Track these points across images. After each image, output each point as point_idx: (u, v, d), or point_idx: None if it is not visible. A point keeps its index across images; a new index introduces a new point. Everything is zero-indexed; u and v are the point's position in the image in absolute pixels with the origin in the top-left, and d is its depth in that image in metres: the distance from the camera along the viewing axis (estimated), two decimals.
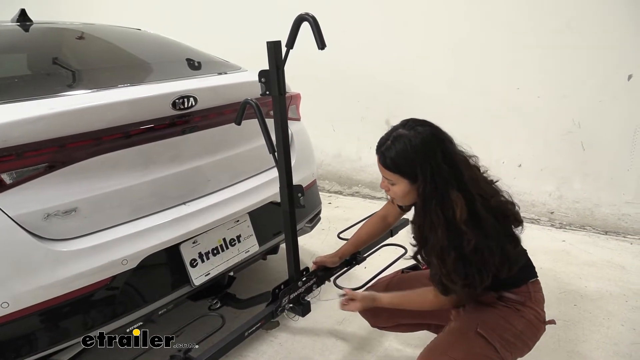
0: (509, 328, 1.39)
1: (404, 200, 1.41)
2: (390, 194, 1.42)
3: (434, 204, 1.28)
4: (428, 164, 1.28)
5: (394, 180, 1.35)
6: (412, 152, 1.29)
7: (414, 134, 1.30)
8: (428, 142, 1.30)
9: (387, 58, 3.74)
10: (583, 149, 3.16)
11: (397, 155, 1.31)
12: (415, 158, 1.29)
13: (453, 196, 1.28)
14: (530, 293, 1.44)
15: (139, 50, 2.34)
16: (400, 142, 1.30)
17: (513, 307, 1.41)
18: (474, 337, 1.36)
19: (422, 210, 1.33)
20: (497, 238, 1.31)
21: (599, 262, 2.76)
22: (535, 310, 1.43)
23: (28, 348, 1.40)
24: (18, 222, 1.37)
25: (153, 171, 1.71)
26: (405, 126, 1.34)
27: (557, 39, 3.07)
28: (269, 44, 1.46)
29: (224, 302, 2.02)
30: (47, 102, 1.50)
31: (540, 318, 1.44)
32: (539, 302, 1.46)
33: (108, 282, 1.53)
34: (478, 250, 1.27)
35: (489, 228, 1.29)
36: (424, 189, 1.29)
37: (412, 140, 1.29)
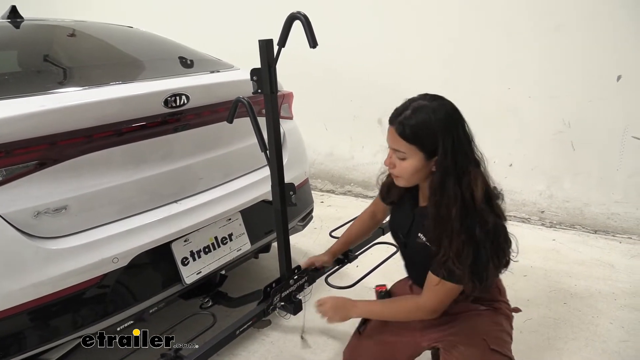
0: (502, 329, 1.40)
1: (410, 179, 1.31)
2: (396, 172, 1.31)
3: (452, 181, 1.21)
4: (450, 137, 1.21)
5: (407, 154, 1.25)
6: (435, 122, 1.21)
7: (436, 105, 1.23)
8: (451, 115, 1.24)
9: (379, 57, 3.75)
10: (573, 149, 3.19)
11: (418, 125, 1.21)
12: (438, 130, 1.20)
13: (473, 173, 1.23)
14: (499, 288, 1.45)
15: (131, 48, 2.33)
16: (423, 112, 1.22)
17: (491, 306, 1.41)
18: (491, 356, 1.33)
19: (439, 187, 1.23)
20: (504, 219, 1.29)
21: (589, 260, 2.79)
22: (505, 302, 1.45)
23: (17, 347, 1.39)
24: (8, 220, 1.36)
25: (144, 169, 1.70)
26: (425, 98, 1.26)
27: (548, 40, 3.10)
28: (260, 43, 1.46)
29: (216, 300, 2.01)
30: (38, 99, 1.49)
31: (510, 308, 1.46)
32: (504, 292, 1.48)
33: (99, 280, 1.53)
34: (496, 233, 1.23)
35: (501, 211, 1.27)
36: (444, 163, 1.21)
37: (436, 112, 1.22)
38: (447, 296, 1.30)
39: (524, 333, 2.12)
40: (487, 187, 1.28)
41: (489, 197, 1.26)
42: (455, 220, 1.21)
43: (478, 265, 1.23)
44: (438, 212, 1.24)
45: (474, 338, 1.36)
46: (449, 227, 1.22)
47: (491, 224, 1.22)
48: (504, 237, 1.27)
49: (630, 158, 3.03)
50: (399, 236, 1.49)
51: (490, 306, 1.41)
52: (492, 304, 1.41)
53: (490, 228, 1.22)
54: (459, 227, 1.21)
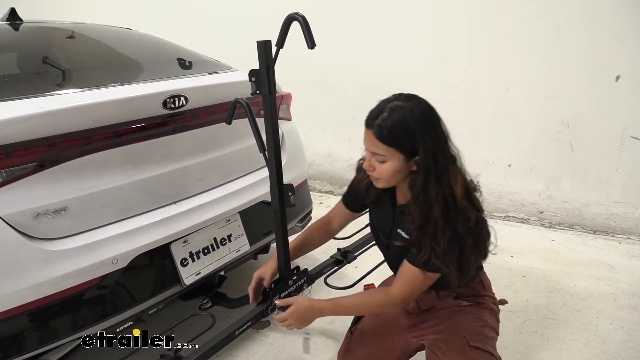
0: (485, 325, 1.40)
1: (390, 181, 1.31)
2: (376, 175, 1.30)
3: (433, 180, 1.22)
4: (429, 137, 1.20)
5: (386, 157, 1.24)
6: (413, 123, 1.20)
7: (412, 105, 1.22)
8: (427, 113, 1.23)
9: (378, 59, 3.76)
10: (572, 149, 3.19)
11: (395, 127, 1.20)
12: (416, 130, 1.20)
13: (453, 170, 1.24)
14: (482, 282, 1.46)
15: (130, 49, 2.34)
16: (399, 112, 1.21)
17: (474, 302, 1.42)
18: (471, 353, 1.34)
19: (422, 187, 1.23)
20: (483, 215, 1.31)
21: (588, 261, 2.79)
22: (490, 296, 1.46)
23: (17, 348, 1.39)
24: (7, 221, 1.37)
25: (143, 170, 1.71)
26: (399, 99, 1.25)
27: (546, 40, 3.11)
28: (259, 44, 1.46)
29: (215, 301, 2.01)
30: (37, 101, 1.50)
31: (496, 302, 1.47)
32: (489, 286, 1.49)
33: (98, 281, 1.53)
34: (478, 227, 1.24)
35: (480, 205, 1.28)
36: (426, 163, 1.21)
37: (413, 111, 1.20)
38: (421, 287, 1.31)
39: (523, 333, 2.12)
40: (466, 183, 1.29)
41: (468, 192, 1.28)
42: (439, 218, 1.22)
43: (462, 260, 1.25)
44: (421, 211, 1.24)
45: (455, 335, 1.38)
46: (432, 226, 1.23)
47: (473, 219, 1.24)
48: (485, 230, 1.29)
49: (629, 158, 3.03)
50: (380, 237, 1.50)
51: (474, 301, 1.42)
52: (476, 299, 1.43)
53: (473, 224, 1.23)
54: (442, 225, 1.22)
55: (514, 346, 2.03)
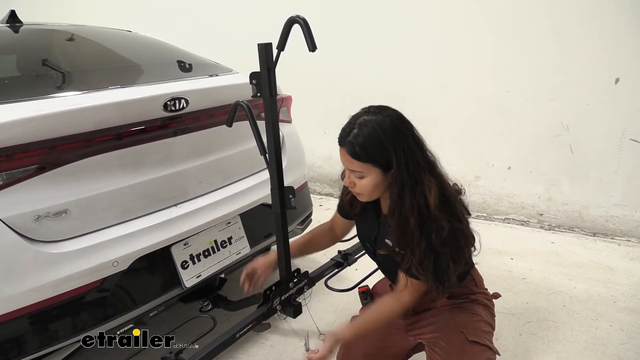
0: (481, 320, 1.42)
1: (372, 195, 1.32)
2: (357, 190, 1.31)
3: (408, 191, 1.22)
4: (401, 148, 1.21)
5: (364, 172, 1.25)
6: (383, 136, 1.20)
7: (381, 119, 1.22)
8: (397, 125, 1.23)
9: (378, 61, 3.77)
10: (571, 152, 3.20)
11: (367, 142, 1.21)
12: (387, 143, 1.20)
13: (427, 180, 1.23)
14: (474, 279, 1.47)
15: (130, 52, 2.34)
16: (369, 127, 1.21)
17: (468, 299, 1.43)
18: (470, 348, 1.35)
19: (397, 198, 1.25)
20: (467, 223, 1.31)
21: (588, 263, 2.79)
22: (482, 292, 1.47)
23: (17, 351, 1.39)
24: (8, 224, 1.37)
25: (144, 173, 1.71)
26: (368, 113, 1.25)
27: (546, 43, 3.11)
28: (260, 46, 1.47)
29: (215, 304, 2.01)
30: (38, 103, 1.50)
31: (489, 297, 1.49)
32: (481, 283, 1.50)
33: (99, 284, 1.53)
34: (454, 237, 1.24)
35: (459, 213, 1.28)
36: (399, 175, 1.22)
37: (382, 124, 1.21)
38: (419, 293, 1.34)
39: (523, 336, 2.12)
40: (444, 191, 1.28)
41: (445, 200, 1.27)
42: (415, 229, 1.24)
43: (438, 270, 1.26)
44: (398, 223, 1.26)
45: (453, 332, 1.39)
46: (409, 237, 1.25)
47: (447, 229, 1.23)
48: (464, 239, 1.28)
49: (629, 160, 3.03)
50: (367, 246, 1.51)
51: (467, 299, 1.44)
52: (468, 296, 1.44)
53: (446, 234, 1.23)
54: (418, 236, 1.24)
55: (514, 348, 2.03)
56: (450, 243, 1.24)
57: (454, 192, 1.33)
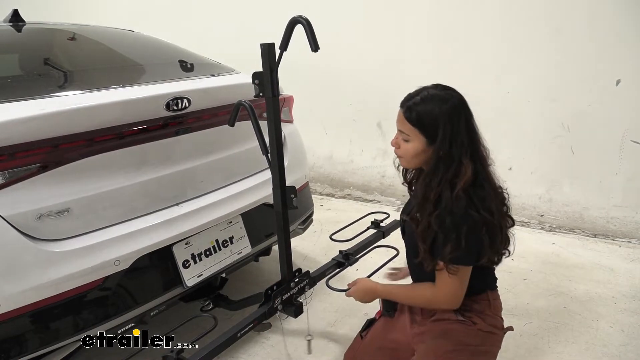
0: (466, 349, 1.37)
1: (411, 161, 1.37)
2: (399, 152, 1.38)
3: (442, 167, 1.28)
4: (450, 126, 1.27)
5: (411, 137, 1.32)
6: (439, 110, 1.28)
7: (445, 95, 1.31)
8: (457, 106, 1.30)
9: (379, 62, 3.77)
10: (572, 153, 3.20)
11: (423, 110, 1.29)
12: (440, 117, 1.27)
13: (465, 162, 1.27)
14: (489, 301, 1.42)
15: (132, 51, 2.34)
16: (430, 98, 1.30)
17: (469, 320, 1.38)
18: None
19: (430, 171, 1.31)
20: (499, 216, 1.30)
21: (588, 264, 2.79)
22: (493, 318, 1.41)
23: (19, 349, 1.39)
24: (10, 222, 1.37)
25: (146, 172, 1.71)
26: (436, 88, 1.34)
27: (547, 44, 3.12)
28: (262, 46, 1.47)
29: (217, 303, 2.02)
30: (40, 102, 1.50)
31: (498, 325, 1.43)
32: (497, 310, 1.45)
33: (100, 283, 1.53)
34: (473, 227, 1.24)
35: (490, 207, 1.28)
36: (439, 149, 1.28)
37: (443, 100, 1.29)
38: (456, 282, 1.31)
39: (524, 336, 2.12)
40: (483, 182, 1.29)
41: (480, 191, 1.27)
42: (431, 203, 1.28)
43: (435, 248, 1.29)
44: (423, 190, 1.31)
45: (426, 356, 1.39)
46: (427, 207, 1.30)
47: (467, 217, 1.24)
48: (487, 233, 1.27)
49: (630, 162, 3.04)
50: (401, 221, 1.52)
51: (469, 319, 1.38)
52: (472, 319, 1.38)
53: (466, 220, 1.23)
54: (431, 210, 1.28)
55: (514, 349, 2.03)
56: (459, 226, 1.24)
57: (497, 192, 1.34)
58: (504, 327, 1.45)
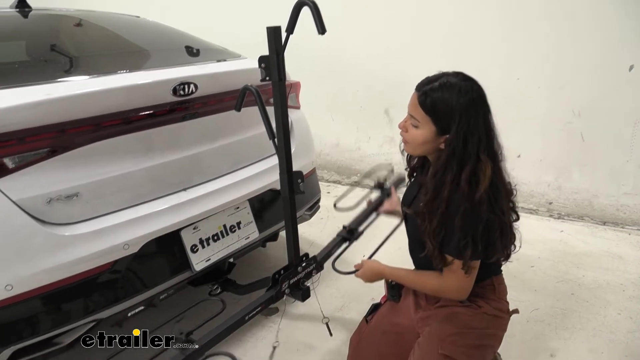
0: (471, 333, 1.37)
1: (417, 148, 1.33)
2: (407, 137, 1.33)
3: (455, 163, 1.22)
4: (467, 123, 1.21)
5: (421, 123, 1.27)
6: (456, 102, 1.21)
7: (464, 87, 1.23)
8: (475, 99, 1.23)
9: (386, 48, 3.73)
10: (582, 140, 3.16)
11: (440, 100, 1.23)
12: (456, 109, 1.21)
13: (484, 159, 1.22)
14: (494, 286, 1.41)
15: (138, 37, 2.34)
16: (448, 87, 1.23)
17: (474, 304, 1.38)
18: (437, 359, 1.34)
19: (442, 165, 1.25)
20: (508, 213, 1.28)
21: (597, 252, 2.78)
22: (498, 302, 1.41)
23: (31, 330, 1.42)
24: (21, 206, 1.39)
25: (153, 157, 1.72)
26: (456, 76, 1.26)
27: (558, 29, 3.06)
28: (269, 30, 1.46)
29: (224, 287, 2.03)
30: (47, 87, 1.51)
31: (504, 309, 1.42)
32: (503, 294, 1.44)
33: (110, 266, 1.55)
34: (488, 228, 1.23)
35: (503, 206, 1.26)
36: (454, 144, 1.22)
37: (461, 92, 1.22)
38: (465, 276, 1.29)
39: (531, 322, 2.12)
40: (497, 180, 1.26)
41: (494, 190, 1.24)
42: (442, 200, 1.23)
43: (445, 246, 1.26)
44: (434, 187, 1.26)
45: (430, 339, 1.39)
46: (435, 205, 1.25)
47: (484, 217, 1.21)
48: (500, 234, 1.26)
49: None
50: (403, 207, 1.50)
51: (475, 304, 1.38)
52: (477, 302, 1.38)
53: (482, 220, 1.22)
54: (444, 208, 1.24)
55: (521, 335, 2.04)
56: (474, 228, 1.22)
57: (506, 188, 1.31)
58: (509, 310, 1.45)
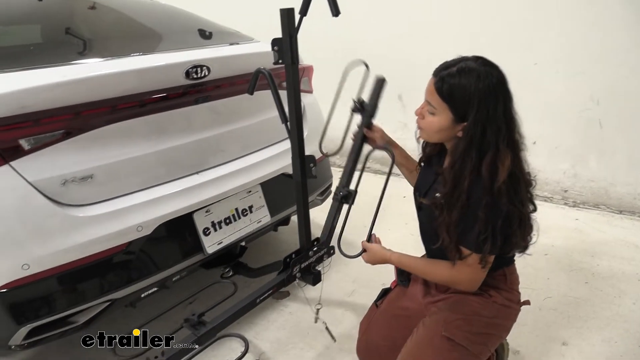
0: (478, 320, 1.35)
1: (433, 136, 1.30)
2: (422, 124, 1.30)
3: (474, 152, 1.18)
4: (486, 109, 1.17)
5: (438, 110, 1.23)
6: (475, 89, 1.16)
7: (483, 73, 1.17)
8: (495, 87, 1.18)
9: (400, 32, 3.68)
10: (600, 127, 3.09)
11: (457, 86, 1.18)
12: (475, 96, 1.16)
13: (503, 149, 1.18)
14: (505, 276, 1.39)
15: (151, 20, 2.33)
16: (467, 75, 1.17)
17: (486, 293, 1.36)
18: (439, 343, 1.33)
19: (460, 154, 1.21)
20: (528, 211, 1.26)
21: (612, 240, 2.74)
22: (509, 292, 1.39)
23: (47, 309, 1.45)
24: (37, 187, 1.41)
25: (166, 140, 1.72)
26: (476, 61, 1.20)
27: (578, 13, 2.98)
28: (282, 11, 1.44)
29: (236, 270, 2.05)
30: (62, 69, 1.52)
31: (515, 299, 1.41)
32: (514, 284, 1.42)
33: (124, 247, 1.57)
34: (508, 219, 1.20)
35: (523, 197, 1.23)
36: (472, 133, 1.18)
37: (480, 78, 1.17)
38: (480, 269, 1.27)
39: (543, 310, 2.11)
40: (517, 170, 1.23)
41: (514, 181, 1.21)
42: (464, 192, 1.20)
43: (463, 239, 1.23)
44: (454, 177, 1.22)
45: (435, 321, 1.37)
46: (455, 196, 1.21)
47: (504, 209, 1.19)
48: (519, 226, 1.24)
49: None
50: (417, 197, 1.47)
51: (486, 292, 1.36)
52: (488, 291, 1.36)
53: (502, 213, 1.19)
54: (465, 200, 1.20)
55: (533, 323, 2.02)
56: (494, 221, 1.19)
57: (526, 179, 1.28)
58: (520, 301, 1.43)
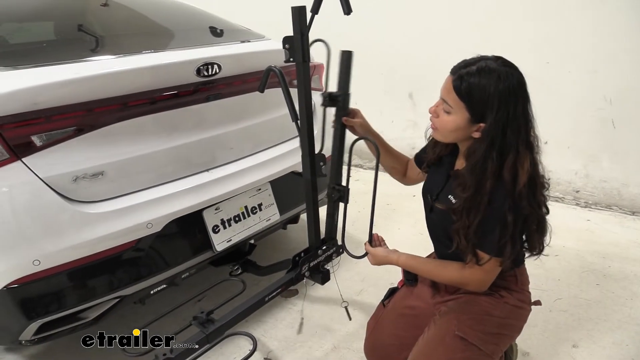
0: (490, 320, 1.34)
1: (447, 136, 1.27)
2: (437, 123, 1.27)
3: (495, 154, 1.16)
4: (505, 110, 1.15)
5: (454, 109, 1.20)
6: (494, 89, 1.14)
7: (504, 74, 1.15)
8: (515, 87, 1.16)
9: (411, 31, 3.65)
10: (613, 127, 3.05)
11: (477, 85, 1.15)
12: (494, 97, 1.14)
13: (522, 152, 1.16)
14: (516, 277, 1.38)
15: (163, 17, 2.34)
16: (487, 75, 1.15)
17: (497, 293, 1.35)
18: (452, 342, 1.31)
19: (481, 157, 1.18)
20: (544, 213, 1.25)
21: (625, 242, 2.70)
22: (520, 293, 1.38)
23: (57, 305, 1.46)
24: (48, 184, 1.41)
25: (177, 138, 1.73)
26: (496, 61, 1.18)
27: (591, 12, 2.94)
28: (293, 9, 1.44)
29: (245, 268, 2.05)
30: (75, 66, 1.52)
31: (526, 300, 1.39)
32: (525, 284, 1.41)
33: (133, 244, 1.58)
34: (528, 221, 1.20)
35: (540, 200, 1.22)
36: (492, 134, 1.16)
37: (500, 78, 1.14)
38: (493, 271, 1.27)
39: (553, 312, 2.09)
40: (534, 173, 1.21)
41: (532, 183, 1.20)
42: (485, 194, 1.18)
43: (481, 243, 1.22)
44: (475, 180, 1.20)
45: (447, 320, 1.36)
46: (477, 199, 1.19)
47: (526, 211, 1.18)
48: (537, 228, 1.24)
49: None
50: (428, 199, 1.45)
51: (497, 293, 1.35)
52: (500, 292, 1.35)
53: (522, 217, 1.19)
54: (486, 202, 1.18)
55: (543, 324, 2.00)
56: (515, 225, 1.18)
57: (541, 182, 1.26)
58: (531, 301, 1.42)
